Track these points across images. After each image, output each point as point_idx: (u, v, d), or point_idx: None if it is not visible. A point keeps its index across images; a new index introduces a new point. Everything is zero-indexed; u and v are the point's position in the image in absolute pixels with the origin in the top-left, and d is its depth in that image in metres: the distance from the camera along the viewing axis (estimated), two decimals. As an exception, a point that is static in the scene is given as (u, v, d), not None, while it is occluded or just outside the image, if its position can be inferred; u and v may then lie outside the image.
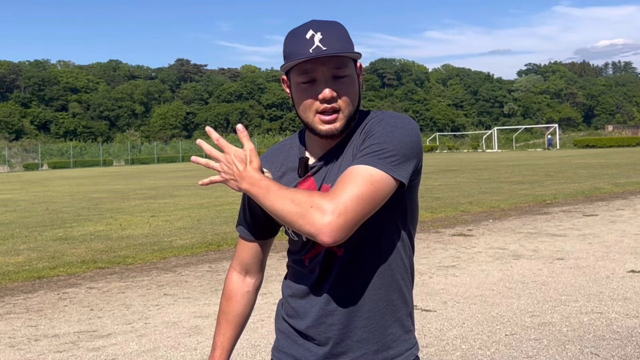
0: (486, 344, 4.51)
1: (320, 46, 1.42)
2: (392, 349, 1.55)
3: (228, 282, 1.75)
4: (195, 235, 10.46)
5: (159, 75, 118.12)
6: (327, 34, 1.44)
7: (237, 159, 1.46)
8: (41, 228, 12.30)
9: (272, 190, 1.42)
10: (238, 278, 1.74)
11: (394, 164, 1.41)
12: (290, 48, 1.47)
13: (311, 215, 1.35)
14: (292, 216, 1.37)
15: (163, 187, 24.11)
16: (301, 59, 1.42)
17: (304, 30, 1.46)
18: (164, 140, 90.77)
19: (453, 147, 77.97)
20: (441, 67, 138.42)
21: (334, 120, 1.47)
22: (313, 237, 1.36)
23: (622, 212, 11.56)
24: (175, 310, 5.82)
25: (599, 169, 24.74)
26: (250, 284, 1.75)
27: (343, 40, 1.46)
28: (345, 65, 1.46)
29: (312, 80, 1.46)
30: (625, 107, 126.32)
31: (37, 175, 45.31)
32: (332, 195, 1.37)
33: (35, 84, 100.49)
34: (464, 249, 8.35)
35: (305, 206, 1.36)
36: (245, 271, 1.74)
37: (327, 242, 1.35)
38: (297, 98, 1.50)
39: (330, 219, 1.33)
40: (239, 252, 1.75)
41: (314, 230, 1.35)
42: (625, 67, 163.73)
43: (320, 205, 1.35)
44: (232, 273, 1.76)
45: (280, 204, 1.39)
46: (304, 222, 1.36)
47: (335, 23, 1.49)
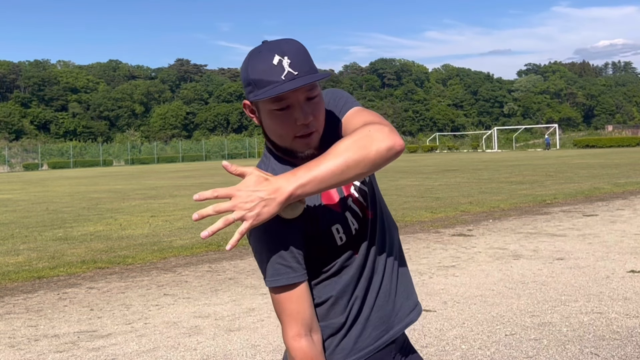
0: (486, 344, 4.51)
1: (291, 71, 1.40)
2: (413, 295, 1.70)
3: (302, 355, 1.44)
4: (195, 235, 10.46)
5: (159, 75, 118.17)
6: (293, 56, 1.42)
7: (251, 186, 1.33)
8: (41, 228, 12.30)
9: (319, 162, 1.35)
10: (309, 343, 1.46)
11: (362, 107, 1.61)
12: (258, 75, 1.42)
13: (375, 136, 1.38)
14: (364, 152, 1.35)
15: (163, 187, 24.10)
16: (282, 91, 1.38)
17: (267, 55, 1.42)
18: (164, 140, 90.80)
19: (453, 147, 77.99)
20: (441, 67, 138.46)
21: (311, 140, 1.49)
22: (392, 148, 1.38)
23: (622, 212, 11.56)
24: (175, 310, 5.82)
25: (599, 169, 24.74)
26: (320, 341, 1.50)
27: (308, 60, 1.45)
28: (315, 85, 1.47)
29: (286, 106, 1.44)
30: (625, 107, 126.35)
31: (37, 175, 45.31)
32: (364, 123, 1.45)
33: (35, 84, 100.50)
34: (463, 249, 8.34)
35: (363, 137, 1.38)
36: (310, 329, 1.47)
37: (402, 143, 1.40)
38: (271, 125, 1.47)
39: (387, 128, 1.42)
40: (294, 310, 1.45)
41: (389, 141, 1.38)
42: (625, 67, 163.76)
43: (371, 128, 1.40)
44: (300, 342, 1.45)
45: (345, 156, 1.34)
46: (378, 145, 1.36)
47: (293, 41, 1.47)
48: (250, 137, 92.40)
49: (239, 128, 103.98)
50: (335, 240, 1.52)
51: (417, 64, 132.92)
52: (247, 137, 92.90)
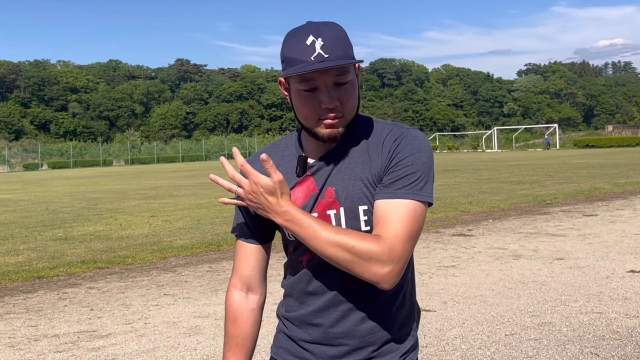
0: (486, 344, 4.51)
1: (322, 53, 1.40)
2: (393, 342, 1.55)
3: (230, 302, 1.63)
4: (195, 235, 10.46)
5: (158, 75, 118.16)
6: (327, 39, 1.42)
7: (264, 189, 1.40)
8: (41, 228, 12.30)
9: (317, 231, 1.39)
10: (240, 296, 1.63)
11: (427, 191, 1.46)
12: (290, 53, 1.44)
13: (370, 266, 1.37)
14: (348, 264, 1.38)
15: (163, 187, 24.11)
16: (305, 70, 1.39)
17: (303, 34, 1.43)
18: (163, 140, 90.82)
19: (453, 147, 78.00)
20: (441, 67, 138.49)
21: (336, 125, 1.47)
22: (374, 283, 1.40)
23: (622, 212, 11.56)
24: (175, 310, 5.82)
25: (599, 169, 24.74)
26: (255, 302, 1.64)
27: (343, 45, 1.44)
28: (347, 71, 1.45)
29: (314, 88, 1.44)
30: (625, 107, 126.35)
31: (37, 175, 45.31)
32: (385, 242, 1.38)
33: (35, 84, 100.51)
34: (463, 249, 8.34)
35: (362, 256, 1.37)
36: (247, 287, 1.63)
37: (389, 287, 1.40)
38: (298, 104, 1.48)
39: (390, 269, 1.38)
40: (238, 265, 1.63)
41: (376, 279, 1.38)
42: (625, 67, 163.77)
43: (378, 256, 1.37)
44: (232, 291, 1.64)
45: (333, 251, 1.38)
46: (363, 271, 1.38)
47: (334, 25, 1.47)
48: (250, 137, 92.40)
49: (239, 128, 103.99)
50: (285, 234, 1.58)
51: (417, 64, 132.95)
52: (247, 137, 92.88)
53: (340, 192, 1.49)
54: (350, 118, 1.49)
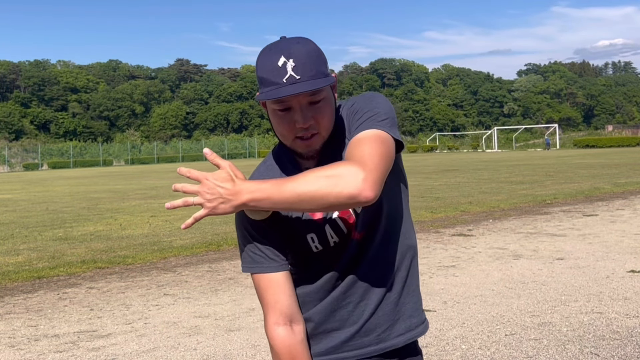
0: (486, 344, 4.51)
1: (293, 75, 1.41)
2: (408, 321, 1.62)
3: (280, 341, 1.49)
4: (195, 235, 10.46)
5: (158, 75, 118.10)
6: (298, 59, 1.42)
7: (218, 180, 1.38)
8: (41, 228, 12.29)
9: (283, 182, 1.36)
10: (288, 332, 1.50)
11: (389, 126, 1.45)
12: (263, 74, 1.45)
13: (345, 180, 1.32)
14: (325, 190, 1.32)
15: (163, 187, 24.10)
16: (277, 96, 1.40)
17: (275, 55, 1.43)
18: (163, 140, 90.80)
19: (453, 147, 78.00)
20: (441, 67, 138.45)
21: (312, 142, 1.49)
22: (355, 198, 1.32)
23: (622, 212, 11.56)
24: (175, 310, 5.82)
25: (599, 169, 24.74)
26: (302, 332, 1.53)
27: (315, 64, 1.44)
28: (320, 90, 1.46)
29: (288, 107, 1.46)
30: (625, 107, 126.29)
31: (37, 175, 45.31)
32: (353, 158, 1.37)
33: (35, 84, 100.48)
34: (464, 249, 8.34)
35: (335, 175, 1.33)
36: (290, 319, 1.51)
37: (371, 195, 1.32)
38: (274, 123, 1.50)
39: (364, 175, 1.32)
40: (272, 300, 1.51)
41: (355, 189, 1.31)
42: (625, 67, 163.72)
43: (349, 169, 1.33)
44: (276, 330, 1.50)
45: (305, 186, 1.33)
46: (341, 189, 1.31)
47: (306, 42, 1.47)
48: (250, 137, 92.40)
49: (239, 128, 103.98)
50: (311, 247, 1.55)
51: (417, 64, 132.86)
52: (247, 137, 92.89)
53: None
54: (327, 134, 1.50)
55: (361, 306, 1.56)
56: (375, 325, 1.57)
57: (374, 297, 1.56)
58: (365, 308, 1.56)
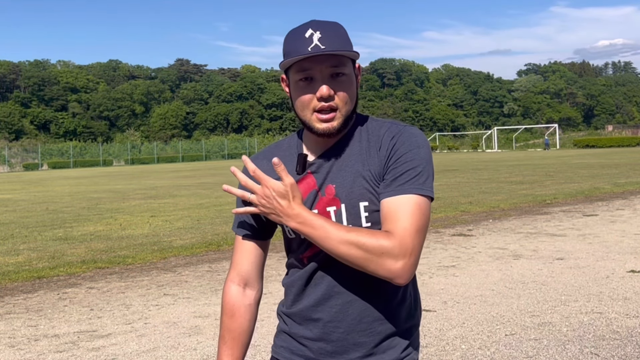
0: (486, 344, 4.51)
1: (318, 44, 1.42)
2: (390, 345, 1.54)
3: (227, 297, 1.65)
4: (195, 235, 10.46)
5: (158, 75, 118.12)
6: (325, 32, 1.44)
7: (276, 193, 1.42)
8: (41, 228, 12.29)
9: (329, 232, 1.40)
10: (238, 291, 1.64)
11: (428, 185, 1.48)
12: (289, 46, 1.47)
13: (383, 262, 1.38)
14: (361, 262, 1.39)
15: (163, 187, 24.10)
16: (299, 56, 1.42)
17: (303, 29, 1.46)
18: (163, 140, 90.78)
19: (453, 147, 78.00)
20: (441, 67, 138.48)
21: (331, 119, 1.47)
22: (389, 279, 1.41)
23: (622, 212, 11.56)
24: (175, 310, 5.82)
25: (599, 169, 24.74)
26: (252, 297, 1.66)
27: (342, 40, 1.47)
28: (344, 64, 1.47)
29: (310, 77, 1.46)
30: (625, 107, 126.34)
31: (37, 175, 45.30)
32: (395, 236, 1.40)
33: (35, 84, 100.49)
34: (463, 249, 8.34)
35: (374, 252, 1.38)
36: (245, 282, 1.64)
37: (404, 283, 1.41)
38: (295, 95, 1.50)
39: (403, 263, 1.39)
40: (237, 260, 1.65)
41: (390, 275, 1.40)
42: (625, 67, 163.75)
43: (390, 251, 1.38)
44: (230, 286, 1.65)
45: (345, 250, 1.39)
46: (376, 268, 1.39)
47: (334, 23, 1.50)
48: (250, 137, 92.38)
49: (239, 128, 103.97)
50: (286, 231, 1.59)
51: (417, 64, 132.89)
52: (247, 137, 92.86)
53: (340, 189, 1.50)
54: (346, 113, 1.49)
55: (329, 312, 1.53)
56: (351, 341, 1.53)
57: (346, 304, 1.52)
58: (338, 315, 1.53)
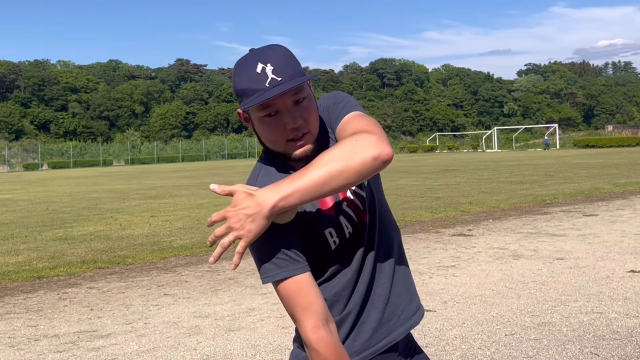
0: (486, 344, 4.51)
1: (275, 78, 1.43)
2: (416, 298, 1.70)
3: (324, 345, 1.40)
4: (195, 235, 10.46)
5: (159, 75, 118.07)
6: (276, 63, 1.44)
7: (238, 205, 1.35)
8: (41, 228, 12.29)
9: (302, 173, 1.35)
10: (328, 333, 1.42)
11: (362, 110, 1.56)
12: (244, 85, 1.45)
13: (361, 145, 1.36)
14: (349, 161, 1.34)
15: (163, 187, 24.10)
16: (265, 98, 1.40)
17: (252, 64, 1.45)
18: (164, 140, 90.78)
19: (453, 147, 78.01)
20: (441, 67, 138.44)
21: (305, 143, 1.50)
22: (378, 157, 1.35)
23: (622, 212, 11.56)
24: (175, 310, 5.82)
25: (599, 169, 24.74)
26: (335, 330, 1.47)
27: (293, 65, 1.47)
28: (302, 88, 1.48)
29: (275, 112, 1.46)
30: (625, 107, 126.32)
31: (37, 175, 45.30)
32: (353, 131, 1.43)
33: (35, 84, 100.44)
34: (464, 249, 8.34)
35: (350, 146, 1.36)
36: (326, 319, 1.44)
37: (390, 152, 1.38)
38: (263, 131, 1.50)
39: (376, 136, 1.39)
40: (306, 302, 1.42)
41: (375, 150, 1.35)
42: (625, 67, 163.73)
43: (359, 136, 1.39)
44: (318, 333, 1.41)
45: (329, 167, 1.34)
46: (363, 154, 1.34)
47: (278, 48, 1.49)
48: (250, 137, 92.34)
49: (239, 128, 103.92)
50: (329, 244, 1.54)
51: (417, 64, 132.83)
52: (247, 137, 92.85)
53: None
54: (315, 132, 1.52)
55: (380, 290, 1.60)
56: (395, 307, 1.62)
57: (388, 280, 1.61)
58: (383, 292, 1.60)
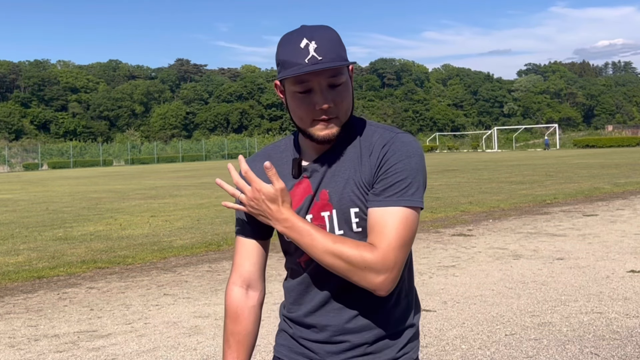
0: (486, 344, 4.51)
1: (315, 56, 1.42)
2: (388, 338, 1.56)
3: (230, 299, 1.62)
4: (195, 235, 10.46)
5: (159, 75, 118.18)
6: (320, 42, 1.44)
7: (266, 197, 1.44)
8: (41, 228, 12.29)
9: (315, 239, 1.43)
10: (241, 293, 1.62)
11: (417, 196, 1.48)
12: (285, 56, 1.46)
13: (365, 275, 1.41)
14: (344, 272, 1.42)
15: (163, 187, 24.10)
16: (299, 72, 1.41)
17: (297, 38, 1.45)
18: (163, 140, 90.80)
19: (453, 147, 78.02)
20: (441, 67, 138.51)
21: (331, 126, 1.49)
22: (370, 290, 1.44)
23: (622, 212, 11.56)
24: (175, 310, 5.82)
25: (599, 169, 24.74)
26: (255, 299, 1.64)
27: (336, 48, 1.46)
28: (340, 73, 1.47)
29: (308, 90, 1.46)
30: (625, 107, 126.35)
31: (37, 175, 45.30)
32: (379, 251, 1.41)
33: (35, 84, 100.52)
34: (464, 249, 8.34)
35: (357, 265, 1.41)
36: (247, 284, 1.62)
37: (385, 295, 1.45)
38: (293, 106, 1.51)
39: (384, 277, 1.41)
40: (238, 262, 1.63)
41: (371, 287, 1.43)
42: (625, 67, 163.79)
43: (372, 265, 1.41)
44: (232, 289, 1.63)
45: (330, 260, 1.42)
46: (358, 279, 1.42)
47: (327, 29, 1.49)
48: (250, 137, 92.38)
49: (239, 128, 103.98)
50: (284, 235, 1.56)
51: (417, 64, 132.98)
52: (247, 137, 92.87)
53: (333, 195, 1.52)
54: (344, 119, 1.51)
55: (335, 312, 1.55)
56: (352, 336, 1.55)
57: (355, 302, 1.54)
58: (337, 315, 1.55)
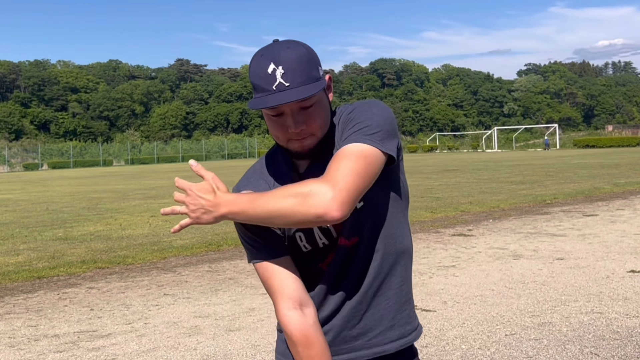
0: (486, 344, 4.51)
1: (282, 82, 1.42)
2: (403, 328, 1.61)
3: (292, 326, 1.46)
4: (195, 235, 10.46)
5: (159, 75, 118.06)
6: (288, 66, 1.42)
7: (201, 191, 1.44)
8: (41, 228, 12.29)
9: (257, 198, 1.40)
10: (299, 315, 1.47)
11: (379, 139, 1.43)
12: (254, 80, 1.47)
13: (312, 199, 1.33)
14: (293, 208, 1.35)
15: (163, 187, 24.10)
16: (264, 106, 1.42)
17: (265, 62, 1.44)
18: (163, 140, 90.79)
19: (453, 147, 78.05)
20: (441, 67, 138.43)
21: (305, 142, 1.50)
22: (321, 217, 1.33)
23: (622, 212, 11.56)
24: (175, 310, 5.82)
25: (599, 169, 24.74)
26: (312, 315, 1.50)
27: (305, 69, 1.44)
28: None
29: (280, 113, 1.47)
30: (625, 107, 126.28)
31: (37, 175, 45.30)
32: (327, 176, 1.37)
33: (35, 84, 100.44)
34: (463, 249, 8.34)
35: (304, 193, 1.35)
36: (300, 304, 1.49)
37: (337, 216, 1.33)
38: (269, 126, 1.53)
39: (333, 194, 1.33)
40: (278, 285, 1.49)
41: (322, 209, 1.33)
42: (625, 67, 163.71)
43: (319, 188, 1.35)
44: (287, 314, 1.47)
45: (275, 203, 1.36)
46: (308, 207, 1.33)
47: (296, 48, 1.46)
48: (250, 137, 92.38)
49: (239, 128, 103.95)
50: (300, 247, 1.56)
51: (417, 64, 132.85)
52: (247, 137, 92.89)
53: None
54: (321, 135, 1.51)
55: (354, 310, 1.56)
56: (368, 329, 1.57)
57: (365, 302, 1.56)
58: (356, 312, 1.56)
